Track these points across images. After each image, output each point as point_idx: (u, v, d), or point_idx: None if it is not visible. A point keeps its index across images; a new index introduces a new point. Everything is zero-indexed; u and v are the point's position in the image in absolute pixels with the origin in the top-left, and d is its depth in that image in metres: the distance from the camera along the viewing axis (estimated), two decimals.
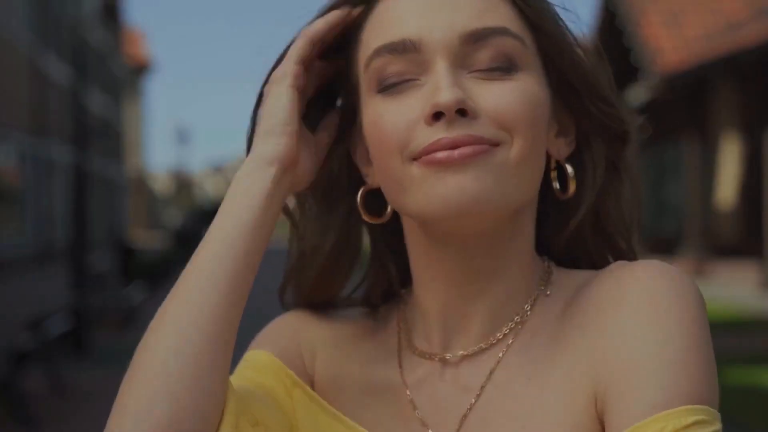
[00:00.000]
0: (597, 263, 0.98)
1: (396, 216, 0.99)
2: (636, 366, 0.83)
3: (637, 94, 19.21)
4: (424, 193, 0.88)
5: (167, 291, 0.89)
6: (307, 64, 0.97)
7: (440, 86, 0.88)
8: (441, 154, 0.87)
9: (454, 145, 0.87)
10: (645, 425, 0.81)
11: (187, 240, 33.70)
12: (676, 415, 0.81)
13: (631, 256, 0.98)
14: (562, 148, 0.98)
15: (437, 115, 0.88)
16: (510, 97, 0.89)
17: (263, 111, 0.96)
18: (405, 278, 1.03)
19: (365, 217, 1.00)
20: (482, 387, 0.93)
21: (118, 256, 16.69)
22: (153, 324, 0.88)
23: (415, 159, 0.89)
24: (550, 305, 0.94)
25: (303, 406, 0.98)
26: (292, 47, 0.97)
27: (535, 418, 0.88)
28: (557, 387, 0.89)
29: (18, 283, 17.03)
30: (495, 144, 0.88)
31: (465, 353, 0.95)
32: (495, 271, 0.94)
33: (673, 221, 20.69)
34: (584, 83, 0.96)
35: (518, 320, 0.95)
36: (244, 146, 0.99)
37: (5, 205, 22.56)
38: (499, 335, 0.94)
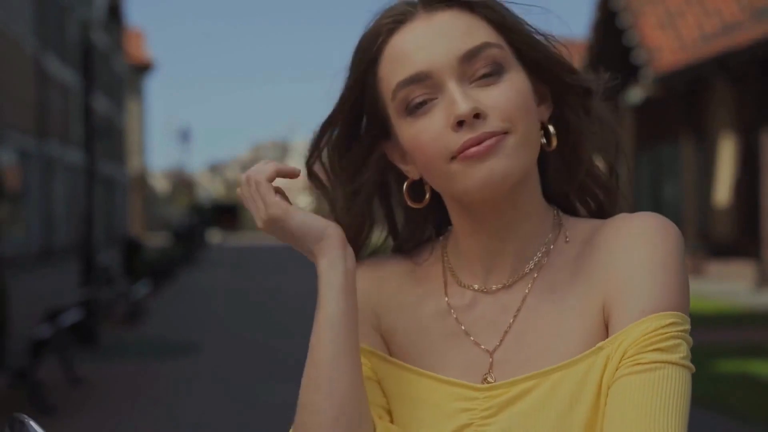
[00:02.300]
0: (588, 200, 1.29)
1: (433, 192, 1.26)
2: (631, 283, 1.16)
3: (635, 93, 19.36)
4: (467, 180, 1.16)
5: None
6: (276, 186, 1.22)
7: (456, 100, 1.15)
8: (471, 150, 1.14)
9: (478, 142, 1.14)
10: (636, 325, 1.13)
11: (189, 238, 33.81)
12: (658, 318, 1.13)
13: (612, 184, 1.28)
14: (543, 112, 1.25)
15: (460, 123, 1.15)
16: (506, 95, 1.17)
17: (296, 234, 1.20)
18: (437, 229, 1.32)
19: (411, 204, 1.26)
20: (518, 309, 1.21)
21: (124, 254, 16.83)
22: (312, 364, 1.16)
23: (453, 158, 1.16)
24: (569, 249, 1.23)
25: (383, 372, 1.24)
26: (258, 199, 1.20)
27: (559, 331, 1.18)
28: (574, 308, 1.19)
29: (22, 280, 17.18)
30: (505, 133, 1.16)
31: (503, 284, 1.23)
32: (518, 219, 1.23)
33: (670, 220, 20.77)
34: (549, 59, 1.23)
35: (541, 256, 1.23)
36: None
37: (9, 205, 22.71)
38: (526, 269, 1.23)
